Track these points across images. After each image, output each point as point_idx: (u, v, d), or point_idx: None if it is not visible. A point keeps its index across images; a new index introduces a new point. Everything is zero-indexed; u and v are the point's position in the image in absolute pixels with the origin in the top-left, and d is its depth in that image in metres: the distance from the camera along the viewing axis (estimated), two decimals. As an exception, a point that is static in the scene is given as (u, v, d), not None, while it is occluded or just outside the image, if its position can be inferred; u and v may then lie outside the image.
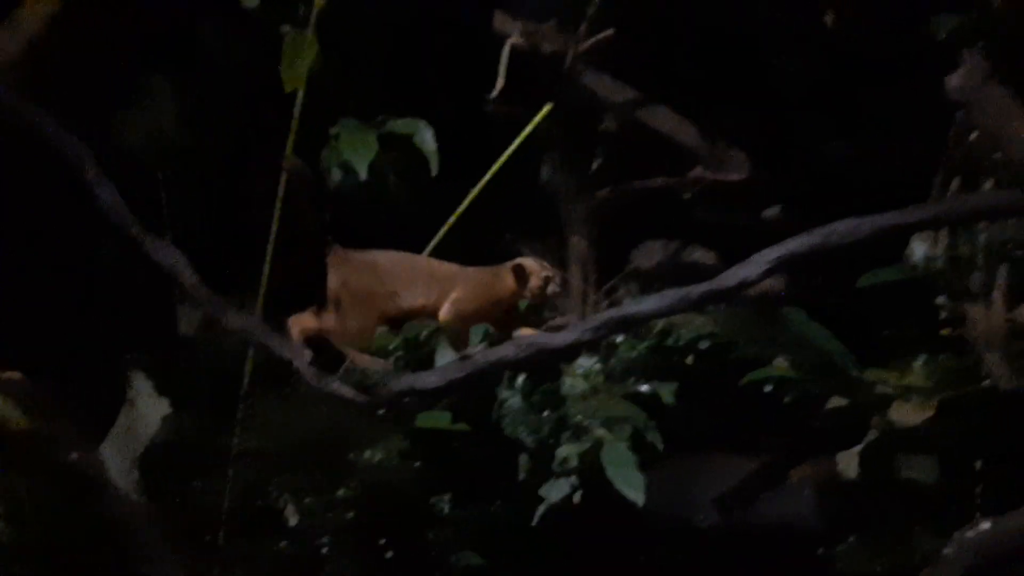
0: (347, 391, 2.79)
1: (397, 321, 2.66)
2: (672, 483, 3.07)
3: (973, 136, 2.73)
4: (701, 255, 3.41)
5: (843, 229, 2.37)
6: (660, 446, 2.91)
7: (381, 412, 2.98)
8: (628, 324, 2.59)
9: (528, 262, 2.58)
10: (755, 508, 3.09)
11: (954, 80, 2.29)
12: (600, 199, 3.38)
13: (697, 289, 2.46)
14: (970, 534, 2.43)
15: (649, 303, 2.52)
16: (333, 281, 2.63)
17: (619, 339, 2.96)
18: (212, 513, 2.97)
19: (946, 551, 2.44)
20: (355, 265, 2.63)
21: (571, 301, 3.30)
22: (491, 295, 2.63)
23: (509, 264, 2.64)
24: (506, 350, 2.68)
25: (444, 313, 2.62)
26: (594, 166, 3.40)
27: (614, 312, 2.52)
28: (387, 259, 2.68)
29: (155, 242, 2.88)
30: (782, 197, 3.31)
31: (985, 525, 2.43)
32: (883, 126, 3.16)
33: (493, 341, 2.73)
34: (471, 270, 2.66)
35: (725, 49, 3.30)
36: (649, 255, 3.43)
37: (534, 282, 2.56)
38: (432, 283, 2.64)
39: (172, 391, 3.16)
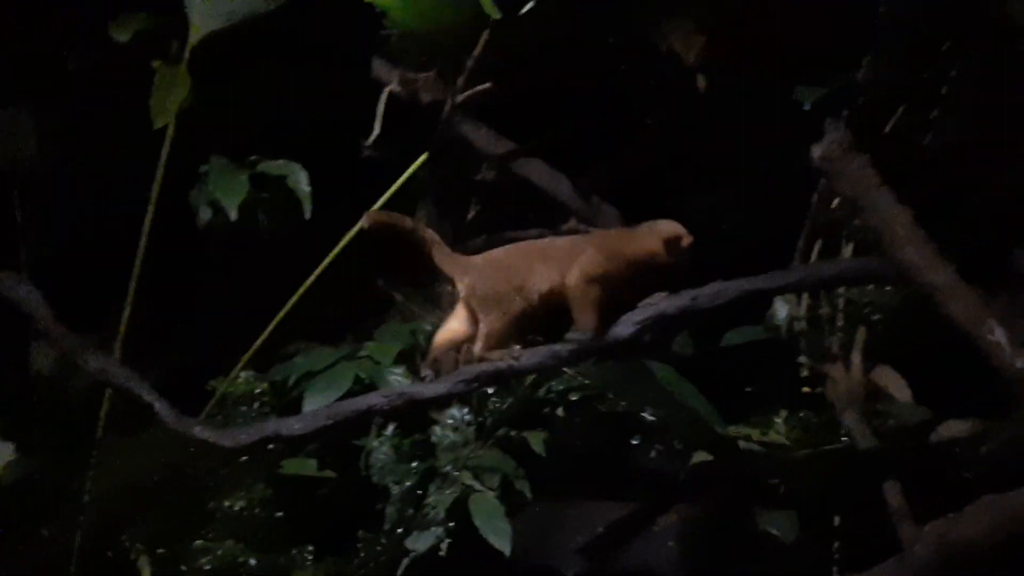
0: (209, 435, 2.71)
1: (537, 313, 2.49)
2: (539, 531, 3.07)
3: (835, 203, 2.85)
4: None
5: (710, 292, 2.44)
6: (528, 495, 2.91)
7: (244, 459, 2.90)
8: (500, 378, 2.59)
9: (668, 223, 2.44)
10: (619, 556, 3.10)
11: (817, 150, 2.38)
12: (474, 248, 3.38)
13: (568, 346, 2.49)
14: (827, 590, 2.49)
15: (522, 359, 2.53)
16: (462, 290, 2.54)
17: (491, 390, 2.96)
18: (60, 562, 2.84)
19: (804, 606, 2.50)
20: (479, 269, 2.53)
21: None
22: (625, 257, 2.47)
23: (646, 225, 2.48)
24: (375, 399, 2.65)
25: (570, 278, 2.46)
26: (469, 215, 3.40)
27: (487, 366, 2.52)
28: (506, 254, 2.55)
29: (8, 277, 2.76)
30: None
31: (841, 582, 2.50)
32: (750, 189, 3.25)
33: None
34: (600, 233, 2.52)
35: (601, 106, 3.36)
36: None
37: (685, 242, 2.42)
38: (554, 262, 2.47)
39: (19, 433, 3.02)
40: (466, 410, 2.97)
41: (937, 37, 2.82)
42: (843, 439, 2.85)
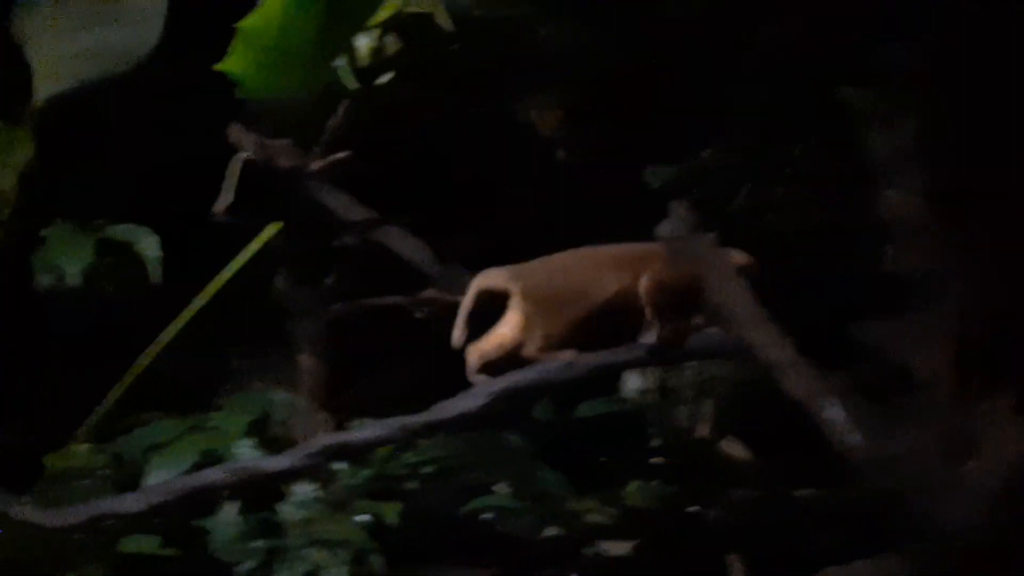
0: (30, 515, 2.59)
1: (596, 317, 2.50)
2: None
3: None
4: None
5: (560, 366, 2.47)
6: (382, 568, 2.85)
7: (77, 536, 2.77)
8: (346, 451, 2.55)
9: (740, 251, 2.44)
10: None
11: (663, 229, 2.43)
12: (331, 315, 3.34)
13: (418, 419, 2.47)
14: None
15: (368, 431, 2.50)
16: (515, 293, 2.50)
17: (341, 465, 2.89)
18: None
19: None
20: (532, 274, 2.48)
21: (299, 423, 3.21)
22: (696, 269, 2.43)
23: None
24: (215, 474, 2.57)
25: (643, 285, 2.45)
26: (327, 281, 3.35)
27: (331, 438, 2.48)
28: (564, 259, 2.54)
29: None
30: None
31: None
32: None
33: None
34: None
35: (462, 175, 3.37)
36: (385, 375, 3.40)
37: (753, 268, 2.40)
38: (621, 267, 2.48)
39: None
40: (314, 485, 2.89)
41: (782, 119, 2.93)
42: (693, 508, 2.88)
